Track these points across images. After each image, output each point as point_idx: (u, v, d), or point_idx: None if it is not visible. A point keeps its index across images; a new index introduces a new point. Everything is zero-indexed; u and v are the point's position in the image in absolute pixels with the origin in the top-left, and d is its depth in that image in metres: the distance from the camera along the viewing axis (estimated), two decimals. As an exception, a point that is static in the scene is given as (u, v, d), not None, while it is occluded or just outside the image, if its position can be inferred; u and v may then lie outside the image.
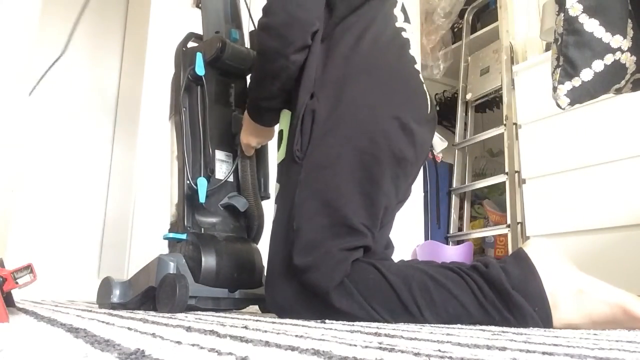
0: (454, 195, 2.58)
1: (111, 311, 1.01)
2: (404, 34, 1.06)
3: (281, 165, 1.01)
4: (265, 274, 1.01)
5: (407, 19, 1.11)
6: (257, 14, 1.04)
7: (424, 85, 1.04)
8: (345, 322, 0.78)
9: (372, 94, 0.95)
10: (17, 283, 0.70)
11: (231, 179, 1.22)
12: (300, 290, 0.88)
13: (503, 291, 0.76)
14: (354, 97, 0.94)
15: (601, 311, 0.74)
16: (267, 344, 0.44)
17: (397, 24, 1.07)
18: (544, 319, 0.74)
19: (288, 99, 1.04)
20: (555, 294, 0.75)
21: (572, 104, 0.91)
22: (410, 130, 0.94)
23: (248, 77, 1.35)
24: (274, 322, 0.75)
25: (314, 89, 0.97)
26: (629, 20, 0.90)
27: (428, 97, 1.03)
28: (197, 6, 1.37)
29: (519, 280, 0.76)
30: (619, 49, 0.88)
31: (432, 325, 0.77)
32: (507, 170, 2.19)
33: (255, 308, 1.24)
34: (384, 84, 0.96)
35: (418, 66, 1.06)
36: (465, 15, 2.74)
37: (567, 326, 0.74)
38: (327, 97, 0.95)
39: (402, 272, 0.84)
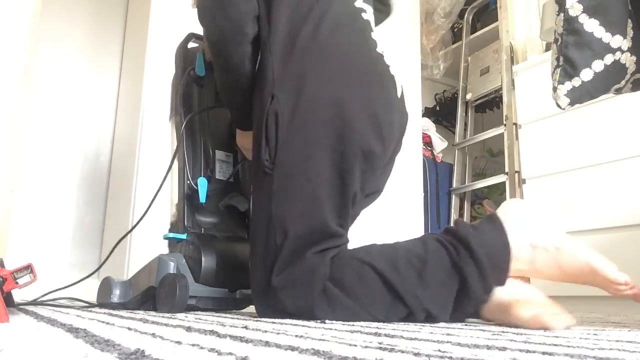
0: (454, 196, 2.58)
1: (111, 311, 1.01)
2: (364, 15, 1.00)
3: (253, 176, 0.97)
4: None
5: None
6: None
7: (390, 68, 0.99)
8: (345, 322, 0.77)
9: (334, 87, 0.89)
10: (17, 283, 0.70)
11: (231, 178, 1.23)
12: (284, 309, 0.85)
13: (469, 247, 0.78)
14: (315, 92, 0.89)
15: (573, 265, 0.82)
16: (267, 344, 0.44)
17: (357, 4, 1.00)
18: (499, 271, 0.79)
19: None
20: (525, 246, 0.81)
21: (572, 104, 0.91)
22: (377, 122, 0.90)
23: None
24: (274, 322, 0.75)
25: (274, 90, 0.90)
26: (629, 20, 0.90)
27: (396, 80, 0.99)
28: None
29: (485, 238, 0.80)
30: (619, 49, 0.88)
31: (432, 325, 0.77)
32: (507, 170, 2.19)
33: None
34: (347, 75, 0.91)
35: (380, 49, 0.99)
36: (465, 15, 2.74)
37: (541, 275, 0.83)
38: (289, 97, 0.89)
39: (385, 254, 0.83)
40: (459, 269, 0.78)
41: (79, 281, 1.25)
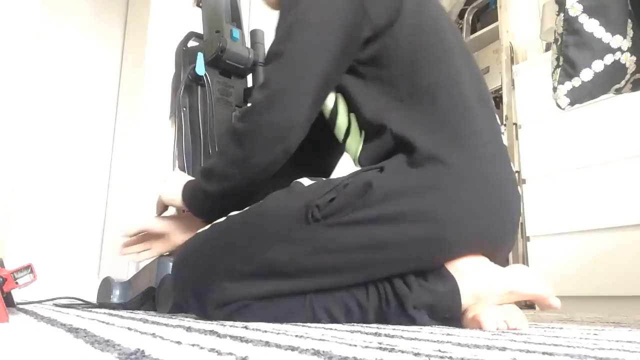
0: (454, 195, 2.58)
1: (111, 311, 1.01)
2: None
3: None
4: None
5: None
6: (258, 13, 1.03)
7: None
8: (344, 322, 0.77)
9: None
10: (17, 283, 0.70)
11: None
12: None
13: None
14: None
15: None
16: (267, 344, 0.44)
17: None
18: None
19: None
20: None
21: (572, 104, 0.91)
22: None
23: (249, 77, 1.35)
24: (274, 322, 0.75)
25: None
26: (629, 20, 0.90)
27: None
28: (198, 5, 1.37)
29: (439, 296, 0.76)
30: (619, 49, 0.88)
31: (432, 325, 0.77)
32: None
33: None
34: None
35: None
36: (465, 15, 2.74)
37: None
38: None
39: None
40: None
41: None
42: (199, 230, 0.85)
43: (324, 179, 0.83)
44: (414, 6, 0.86)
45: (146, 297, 1.10)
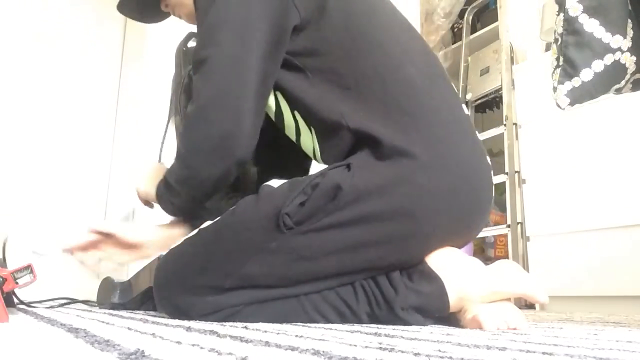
0: (454, 195, 2.58)
1: (111, 311, 1.01)
2: None
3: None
4: None
5: None
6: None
7: None
8: (343, 318, 0.77)
9: None
10: (17, 283, 0.70)
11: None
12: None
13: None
14: None
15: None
16: (267, 344, 0.44)
17: None
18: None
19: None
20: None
21: (572, 104, 0.91)
22: None
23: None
24: (274, 322, 0.75)
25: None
26: (629, 20, 0.90)
27: None
28: (197, 6, 1.37)
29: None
30: (619, 49, 0.88)
31: (432, 325, 0.77)
32: (507, 170, 2.19)
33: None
34: None
35: None
36: (465, 15, 2.74)
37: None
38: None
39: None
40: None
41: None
42: (173, 246, 0.81)
43: (293, 178, 0.80)
44: None
45: (146, 297, 1.10)
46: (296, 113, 0.83)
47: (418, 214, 0.75)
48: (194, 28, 1.33)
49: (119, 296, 1.13)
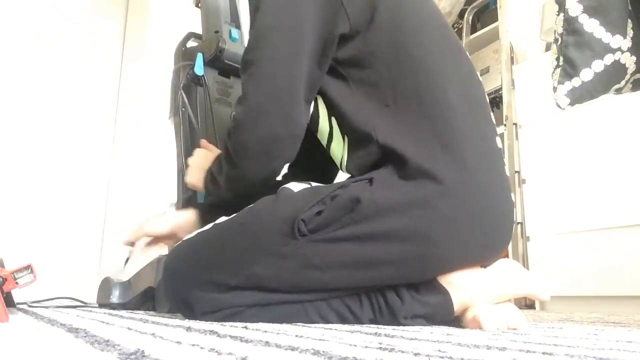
0: (454, 195, 2.58)
1: (111, 311, 1.01)
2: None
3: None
4: None
5: None
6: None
7: None
8: (344, 323, 0.77)
9: None
10: (17, 283, 0.70)
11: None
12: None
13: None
14: None
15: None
16: (267, 344, 0.44)
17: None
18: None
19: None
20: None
21: (572, 104, 0.91)
22: None
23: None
24: (273, 322, 0.75)
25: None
26: (629, 20, 0.90)
27: None
28: (197, 6, 1.37)
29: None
30: (619, 49, 0.88)
31: (432, 325, 0.77)
32: (507, 170, 2.19)
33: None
34: None
35: None
36: (465, 15, 2.74)
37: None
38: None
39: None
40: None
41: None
42: (185, 237, 0.83)
43: (313, 184, 0.80)
44: (391, 2, 0.81)
45: (146, 297, 1.10)
46: (333, 119, 0.84)
47: (433, 238, 0.74)
48: (193, 28, 1.33)
49: (118, 296, 1.13)
